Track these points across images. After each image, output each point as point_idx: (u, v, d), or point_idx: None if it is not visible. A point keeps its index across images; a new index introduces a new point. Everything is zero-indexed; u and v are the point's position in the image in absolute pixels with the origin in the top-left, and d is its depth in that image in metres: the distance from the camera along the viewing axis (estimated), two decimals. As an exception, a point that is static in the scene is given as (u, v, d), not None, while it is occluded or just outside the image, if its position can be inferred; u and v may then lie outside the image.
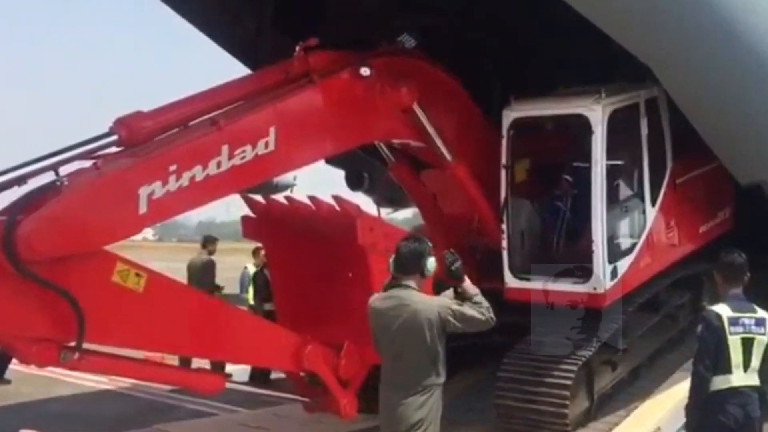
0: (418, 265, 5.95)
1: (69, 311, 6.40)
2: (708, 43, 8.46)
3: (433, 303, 5.89)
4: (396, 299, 5.90)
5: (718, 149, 9.79)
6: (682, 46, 8.46)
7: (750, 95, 9.13)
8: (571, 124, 9.38)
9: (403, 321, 5.79)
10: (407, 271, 5.97)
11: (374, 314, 6.07)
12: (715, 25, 8.32)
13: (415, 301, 5.84)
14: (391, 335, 5.88)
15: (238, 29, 10.92)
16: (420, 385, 5.76)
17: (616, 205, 9.42)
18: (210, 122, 7.48)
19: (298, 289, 8.85)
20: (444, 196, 10.25)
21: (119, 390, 12.05)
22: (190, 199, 7.20)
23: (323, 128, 8.21)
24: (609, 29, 8.14)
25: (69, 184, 6.66)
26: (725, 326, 6.13)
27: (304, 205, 8.64)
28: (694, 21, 8.22)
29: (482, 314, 5.88)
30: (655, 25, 8.15)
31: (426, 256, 5.98)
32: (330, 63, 8.33)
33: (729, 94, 9.05)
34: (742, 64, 8.80)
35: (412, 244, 6.06)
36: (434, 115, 9.08)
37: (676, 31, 8.26)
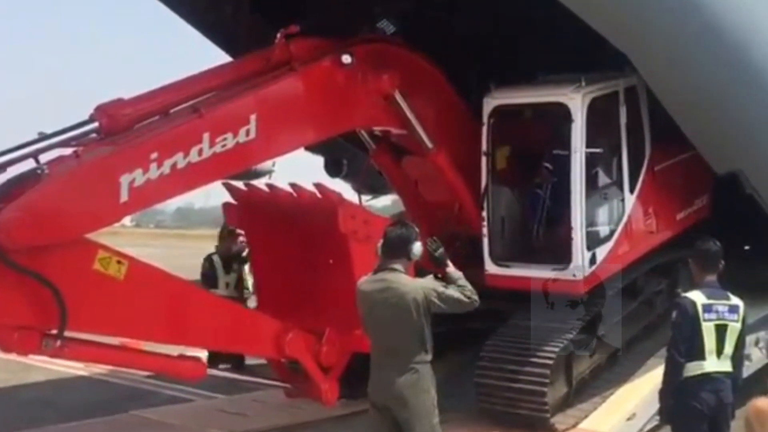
0: (405, 249, 6.13)
1: (50, 299, 6.41)
2: (684, 33, 8.53)
3: (419, 284, 6.07)
4: (384, 282, 6.08)
5: (695, 138, 9.87)
6: (659, 35, 8.53)
7: (725, 85, 9.20)
8: (551, 112, 9.44)
9: (391, 302, 5.98)
10: (394, 255, 6.14)
11: (362, 297, 6.23)
12: (691, 15, 8.38)
13: (402, 283, 6.03)
14: (379, 317, 6.06)
15: (214, 13, 10.88)
16: (410, 363, 5.96)
17: (595, 193, 9.49)
18: (191, 110, 7.49)
19: (280, 276, 8.86)
20: (425, 183, 10.29)
21: (95, 376, 11.96)
22: (172, 186, 7.21)
23: (304, 116, 8.23)
24: (587, 18, 8.19)
25: (50, 172, 6.64)
26: (699, 313, 6.20)
27: (285, 192, 8.64)
28: (670, 10, 8.28)
29: (465, 296, 6.07)
30: (632, 14, 8.22)
31: (413, 240, 6.17)
32: (311, 50, 8.35)
33: (704, 83, 9.13)
34: (718, 53, 8.86)
35: (399, 230, 6.23)
36: (415, 103, 9.12)
37: (652, 20, 8.33)
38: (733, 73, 9.13)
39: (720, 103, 9.38)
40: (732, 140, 9.99)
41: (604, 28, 8.31)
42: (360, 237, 7.96)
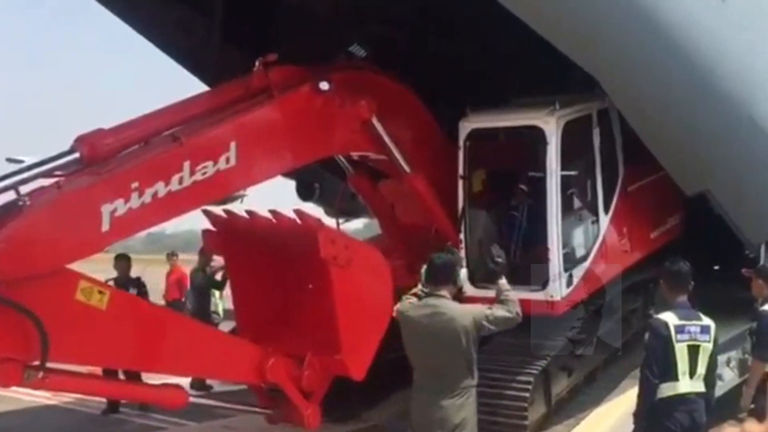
0: (451, 275, 6.43)
1: (32, 330, 6.40)
2: (649, 56, 8.70)
3: (468, 310, 6.33)
4: (431, 308, 6.30)
5: (663, 160, 10.07)
6: (625, 59, 8.70)
7: (690, 107, 9.39)
8: (526, 135, 9.57)
9: (440, 329, 6.20)
10: (440, 282, 6.40)
11: (408, 323, 6.44)
12: (655, 38, 8.55)
13: (451, 309, 6.27)
14: (428, 342, 6.27)
15: (186, 39, 10.95)
16: (458, 388, 6.19)
17: (571, 214, 9.64)
18: (171, 138, 7.52)
19: (260, 302, 8.88)
20: (402, 206, 10.37)
21: (63, 405, 11.81)
22: (153, 215, 7.23)
23: (284, 142, 8.30)
24: (556, 42, 8.34)
25: (31, 203, 6.66)
26: (672, 334, 6.26)
27: (264, 218, 8.68)
28: (635, 35, 8.45)
29: (511, 312, 6.39)
30: (598, 37, 8.38)
31: (458, 267, 6.51)
32: (289, 78, 8.44)
33: (670, 106, 9.32)
34: (683, 76, 9.05)
35: (445, 256, 6.56)
36: (392, 128, 9.22)
37: (617, 44, 8.50)
38: (697, 96, 9.32)
39: (686, 124, 9.57)
40: (699, 162, 10.19)
41: (572, 52, 8.47)
42: (340, 262, 8.02)
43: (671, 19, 8.63)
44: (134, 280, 11.91)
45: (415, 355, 6.44)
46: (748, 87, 9.90)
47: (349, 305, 8.02)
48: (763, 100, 10.20)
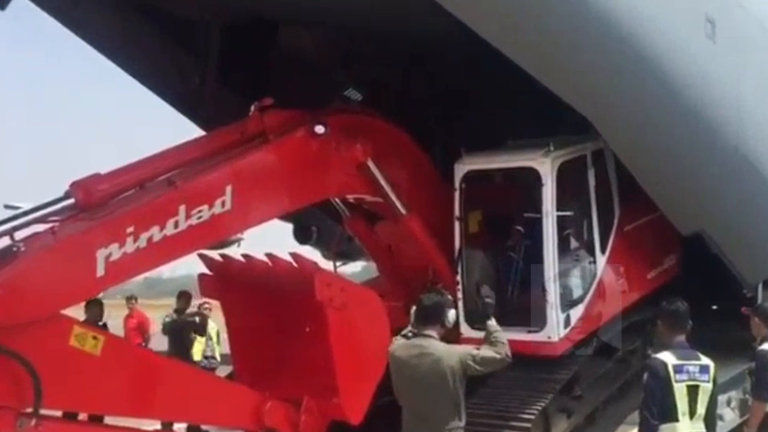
0: (440, 316, 6.45)
1: (25, 377, 6.36)
2: (642, 99, 8.77)
3: (454, 351, 6.34)
4: (418, 348, 6.32)
5: (658, 200, 10.09)
6: (617, 101, 8.76)
7: (684, 148, 9.44)
8: (521, 176, 9.60)
9: (427, 369, 6.21)
10: (429, 322, 6.43)
11: (396, 363, 6.45)
12: (647, 81, 8.62)
13: (438, 350, 6.27)
14: (415, 383, 6.28)
15: (182, 85, 11.02)
16: (444, 429, 6.17)
17: (568, 254, 9.63)
18: (167, 182, 7.55)
19: (256, 346, 8.84)
20: (399, 248, 10.35)
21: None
22: (148, 260, 7.22)
23: (280, 186, 8.32)
24: (550, 85, 8.40)
25: (25, 249, 6.65)
26: (671, 374, 6.23)
27: (261, 261, 8.67)
28: (627, 77, 8.52)
29: (499, 353, 6.42)
30: (590, 80, 8.45)
31: (447, 308, 6.49)
32: (285, 122, 8.48)
33: (664, 147, 9.36)
34: (674, 117, 9.11)
35: (435, 297, 6.58)
36: (388, 170, 9.24)
37: (610, 87, 8.57)
38: (691, 136, 9.38)
39: (680, 165, 9.61)
40: (694, 201, 10.21)
41: (565, 94, 8.53)
42: (336, 305, 7.99)
43: (662, 60, 8.71)
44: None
45: (403, 396, 6.44)
46: (737, 124, 9.97)
47: (346, 348, 7.98)
48: (753, 136, 10.26)
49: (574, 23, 7.89)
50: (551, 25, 7.83)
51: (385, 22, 9.38)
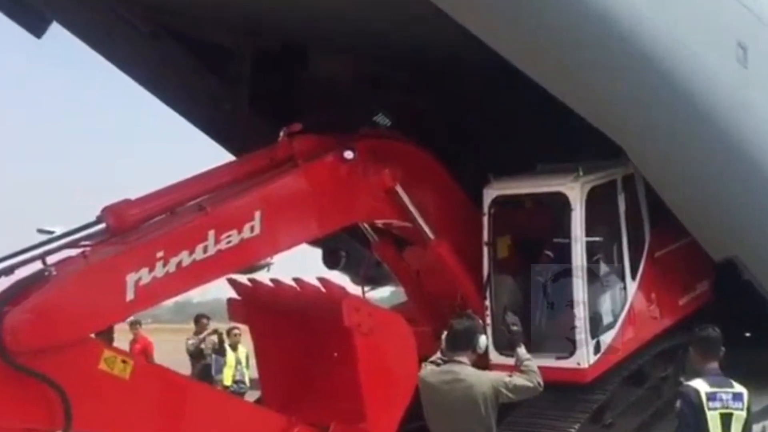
0: (471, 342, 6.42)
1: (56, 400, 6.42)
2: (673, 124, 8.74)
3: (487, 377, 6.32)
4: (450, 374, 6.29)
5: (690, 226, 10.01)
6: (649, 126, 8.73)
7: (718, 174, 9.39)
8: (550, 201, 9.57)
9: (459, 395, 6.19)
10: (460, 348, 6.40)
11: (427, 389, 6.43)
12: (679, 106, 8.59)
13: (470, 376, 6.25)
14: (446, 409, 6.25)
15: (214, 111, 11.14)
16: None
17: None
18: (196, 208, 7.61)
19: (284, 370, 8.86)
20: (427, 273, 10.33)
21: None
22: (177, 284, 7.29)
23: (308, 211, 8.36)
24: (579, 109, 8.40)
25: (57, 273, 6.73)
26: (703, 402, 6.14)
27: (289, 286, 8.70)
28: (659, 102, 8.50)
29: (531, 381, 6.39)
30: (622, 106, 8.43)
31: (478, 333, 6.46)
32: (314, 147, 8.54)
33: (695, 172, 9.31)
34: (707, 142, 9.06)
35: (466, 322, 6.54)
36: (416, 195, 9.25)
37: (642, 112, 8.55)
38: (724, 162, 9.32)
39: (712, 191, 9.54)
40: (727, 227, 10.12)
41: (596, 119, 8.51)
42: (364, 330, 7.99)
43: (694, 86, 8.67)
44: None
45: (434, 422, 6.41)
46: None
47: (374, 373, 7.97)
48: None
49: (604, 50, 7.89)
50: (582, 51, 7.84)
51: (414, 47, 9.44)
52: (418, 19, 8.23)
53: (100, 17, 9.65)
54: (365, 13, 8.74)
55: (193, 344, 13.92)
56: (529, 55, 7.83)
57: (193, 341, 13.94)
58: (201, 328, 14.18)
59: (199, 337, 14.04)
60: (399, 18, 8.63)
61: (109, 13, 9.56)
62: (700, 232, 10.16)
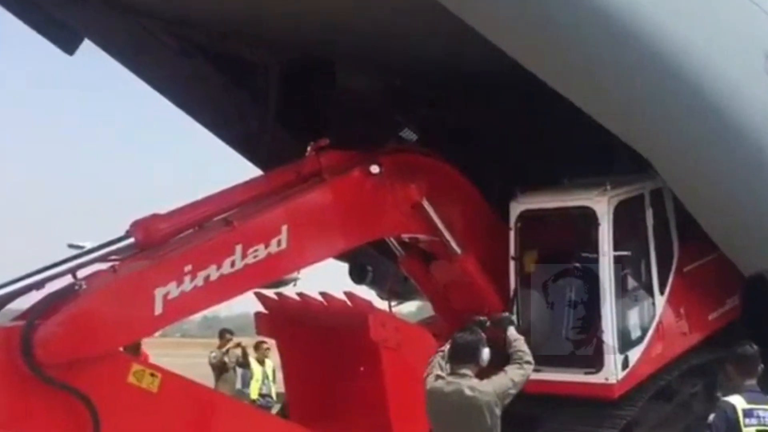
0: (474, 355, 6.55)
1: (85, 413, 6.49)
2: (701, 136, 8.67)
3: (490, 387, 6.41)
4: (454, 386, 6.41)
5: (719, 240, 9.91)
6: (677, 140, 8.67)
7: (748, 187, 9.29)
8: (578, 216, 9.53)
9: (463, 406, 6.30)
10: (463, 361, 6.53)
11: (432, 399, 6.54)
12: (710, 119, 8.52)
13: (473, 387, 6.35)
14: (451, 420, 6.36)
15: (242, 126, 11.23)
16: None
17: (625, 295, 9.46)
18: (224, 222, 7.67)
19: (311, 384, 8.90)
20: (453, 288, 10.30)
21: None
22: (205, 298, 7.34)
23: (335, 225, 8.40)
24: (607, 123, 8.37)
25: (87, 287, 6.81)
26: (740, 418, 6.10)
27: (316, 301, 8.74)
28: (689, 116, 8.44)
29: (524, 369, 6.70)
30: (649, 119, 8.38)
31: (481, 346, 6.58)
32: (340, 162, 8.59)
33: (726, 186, 9.22)
34: (738, 156, 8.98)
35: (468, 336, 6.66)
36: (443, 210, 9.25)
37: (669, 126, 8.48)
38: (754, 176, 9.22)
39: (742, 205, 9.45)
40: (757, 242, 10.00)
41: (625, 134, 8.48)
42: (391, 345, 8.02)
43: (722, 99, 8.61)
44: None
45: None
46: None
47: (400, 388, 7.97)
48: None
49: (633, 66, 7.86)
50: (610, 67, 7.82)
51: (440, 62, 9.47)
52: (445, 35, 8.27)
53: (130, 34, 9.78)
54: (391, 28, 8.80)
55: (216, 357, 14.00)
56: (557, 71, 7.83)
57: (215, 354, 14.01)
58: (224, 343, 14.27)
59: (222, 350, 14.11)
60: (425, 33, 8.67)
61: (139, 31, 9.69)
62: (729, 247, 10.06)
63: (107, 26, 9.55)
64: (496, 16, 7.19)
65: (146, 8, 9.29)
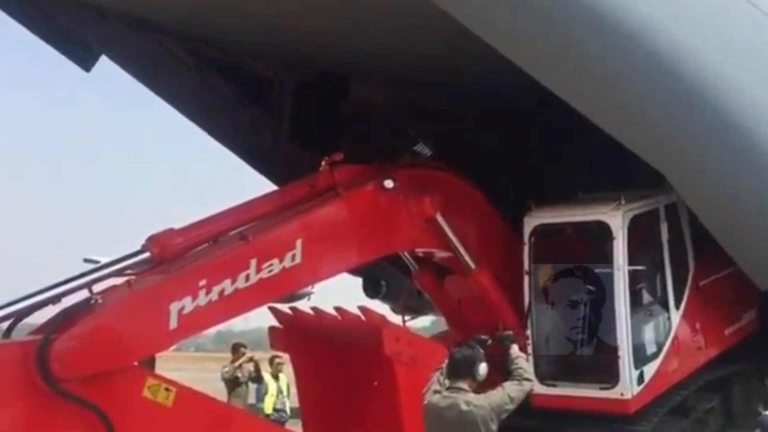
0: (470, 370, 6.54)
1: (100, 427, 6.52)
2: (717, 151, 8.64)
3: (486, 401, 6.41)
4: (450, 400, 6.43)
5: (735, 255, 9.87)
6: (692, 154, 8.64)
7: (763, 203, 9.24)
8: (592, 230, 9.50)
9: (459, 421, 6.31)
10: (460, 375, 6.54)
11: (430, 413, 6.55)
12: (725, 135, 8.50)
13: (469, 402, 6.37)
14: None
15: (256, 141, 11.29)
16: None
17: (640, 310, 9.43)
18: (239, 237, 7.70)
19: (324, 399, 8.90)
20: (468, 302, 10.28)
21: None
22: (220, 313, 7.37)
23: (349, 240, 8.41)
24: (621, 138, 8.36)
25: (102, 301, 6.85)
26: None
27: (330, 315, 8.75)
28: (705, 131, 8.41)
29: (523, 385, 6.65)
30: (664, 135, 8.37)
31: (478, 362, 6.56)
32: (354, 176, 8.60)
33: (742, 202, 9.18)
34: (754, 172, 8.94)
35: (465, 351, 6.67)
36: (457, 224, 9.25)
37: (685, 141, 8.47)
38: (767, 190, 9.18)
39: (759, 220, 9.40)
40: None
41: (640, 150, 8.47)
42: (404, 359, 8.02)
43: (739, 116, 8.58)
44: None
45: None
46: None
47: (414, 402, 7.92)
48: None
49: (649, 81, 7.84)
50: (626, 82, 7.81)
51: (454, 77, 9.49)
52: (458, 49, 8.29)
53: (147, 51, 9.88)
54: (405, 43, 8.83)
55: (229, 372, 14.00)
56: (572, 86, 7.84)
57: (228, 368, 14.02)
58: (237, 357, 14.27)
59: (234, 365, 14.10)
60: (439, 48, 8.70)
61: (156, 47, 9.80)
62: (745, 261, 10.02)
63: (124, 42, 9.66)
64: (506, 28, 7.22)
65: (162, 25, 9.37)
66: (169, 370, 11.72)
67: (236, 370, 13.99)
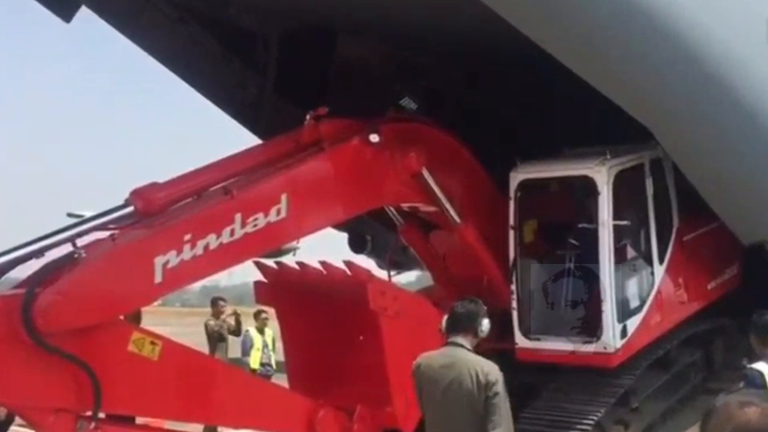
0: (473, 325, 6.20)
1: (85, 381, 6.51)
2: (702, 106, 8.64)
3: (486, 366, 6.01)
4: (449, 357, 6.11)
5: (719, 210, 9.92)
6: (679, 110, 8.64)
7: (748, 157, 9.27)
8: (577, 185, 9.52)
9: (455, 378, 5.99)
10: (461, 330, 6.19)
11: (424, 371, 6.22)
12: (710, 88, 8.49)
13: (468, 360, 6.02)
14: (442, 392, 6.06)
15: (240, 95, 11.18)
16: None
17: (624, 264, 9.47)
18: (223, 191, 7.65)
19: (310, 354, 8.92)
20: (453, 257, 10.32)
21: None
22: (204, 267, 7.33)
23: (334, 194, 8.38)
24: (608, 93, 8.33)
25: (86, 255, 6.81)
26: (767, 384, 6.16)
27: (315, 270, 8.74)
28: (690, 84, 8.40)
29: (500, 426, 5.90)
30: (652, 89, 8.34)
31: (481, 317, 6.23)
32: (340, 131, 8.53)
33: (726, 156, 9.21)
34: (739, 126, 8.95)
35: (468, 305, 6.30)
36: (442, 179, 9.23)
37: (672, 96, 8.45)
38: (754, 145, 9.20)
39: (743, 175, 9.44)
40: (756, 212, 10.01)
41: (625, 102, 8.44)
42: (390, 313, 8.04)
43: (723, 68, 8.56)
44: None
45: (428, 406, 6.22)
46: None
47: (400, 357, 7.97)
48: None
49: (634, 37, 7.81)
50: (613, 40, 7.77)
51: (441, 32, 9.39)
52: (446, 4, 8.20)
53: (128, 2, 9.71)
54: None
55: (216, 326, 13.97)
56: (562, 44, 7.78)
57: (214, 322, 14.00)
58: (217, 311, 14.21)
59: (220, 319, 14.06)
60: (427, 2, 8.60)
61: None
62: (729, 217, 10.07)
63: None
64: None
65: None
66: (154, 324, 11.70)
67: (221, 325, 13.98)
